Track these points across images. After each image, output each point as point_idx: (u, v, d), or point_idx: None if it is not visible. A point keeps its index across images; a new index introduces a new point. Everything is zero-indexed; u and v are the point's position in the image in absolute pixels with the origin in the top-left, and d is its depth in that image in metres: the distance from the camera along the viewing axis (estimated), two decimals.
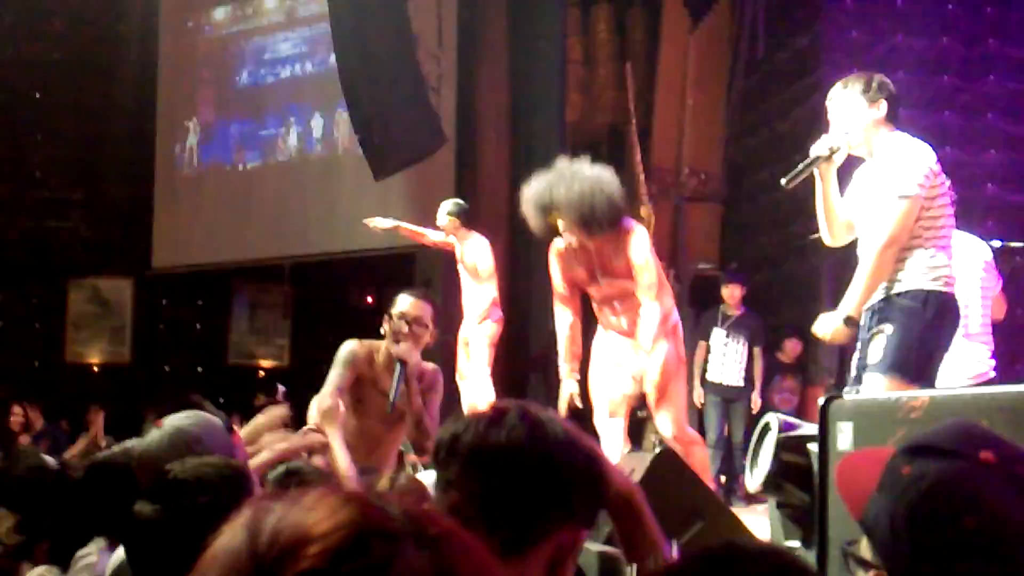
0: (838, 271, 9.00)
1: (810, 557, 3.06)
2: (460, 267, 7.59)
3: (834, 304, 8.38)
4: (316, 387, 4.29)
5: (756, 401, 8.47)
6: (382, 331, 4.32)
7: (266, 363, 12.71)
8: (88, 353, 12.76)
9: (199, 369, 12.27)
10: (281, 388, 7.53)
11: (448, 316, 6.95)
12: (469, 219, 7.59)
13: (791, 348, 8.84)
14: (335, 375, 4.25)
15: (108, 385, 11.63)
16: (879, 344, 3.67)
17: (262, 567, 0.73)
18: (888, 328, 3.67)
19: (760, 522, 4.83)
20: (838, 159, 3.93)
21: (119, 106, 11.81)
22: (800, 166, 3.90)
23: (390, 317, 4.27)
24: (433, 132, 8.72)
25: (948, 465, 1.38)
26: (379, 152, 8.55)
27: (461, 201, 7.77)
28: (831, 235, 4.06)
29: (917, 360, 3.63)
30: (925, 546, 1.36)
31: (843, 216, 4.01)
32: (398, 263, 10.36)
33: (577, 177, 5.14)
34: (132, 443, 3.17)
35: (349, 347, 4.37)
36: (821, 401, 3.06)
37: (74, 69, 11.81)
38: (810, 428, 3.80)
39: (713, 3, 9.98)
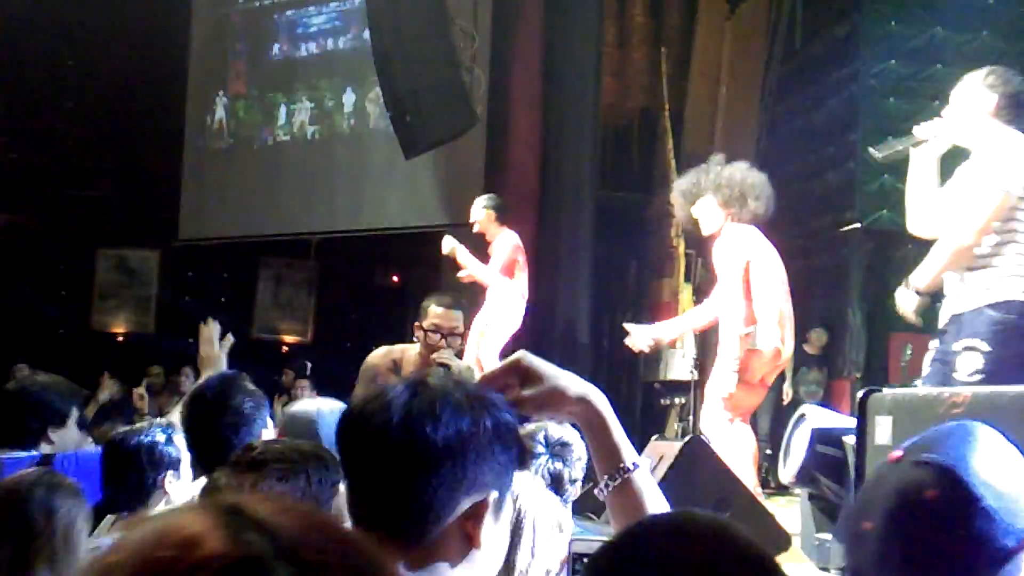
0: (867, 264, 8.96)
1: (842, 551, 3.03)
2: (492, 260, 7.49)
3: (861, 297, 8.35)
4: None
5: (787, 392, 8.43)
6: (415, 339, 4.22)
7: (290, 338, 12.73)
8: (113, 322, 12.83)
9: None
10: (308, 364, 7.47)
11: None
12: (503, 213, 7.46)
13: (817, 338, 8.79)
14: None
15: (131, 355, 11.67)
16: (972, 362, 3.45)
17: None
18: (983, 345, 3.46)
19: (784, 513, 4.81)
20: (939, 147, 3.77)
21: (151, 76, 11.80)
22: (897, 141, 3.85)
23: (422, 329, 4.13)
24: (465, 112, 8.67)
25: (941, 480, 1.25)
26: (410, 130, 8.50)
27: (495, 196, 7.65)
28: (921, 222, 3.85)
29: (1010, 378, 3.33)
30: (887, 556, 1.25)
31: (938, 206, 3.78)
32: (425, 243, 10.33)
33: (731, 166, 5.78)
34: (148, 422, 3.19)
35: (369, 361, 4.30)
36: (860, 394, 3.03)
37: (106, 39, 11.81)
38: (845, 420, 3.78)
39: None
